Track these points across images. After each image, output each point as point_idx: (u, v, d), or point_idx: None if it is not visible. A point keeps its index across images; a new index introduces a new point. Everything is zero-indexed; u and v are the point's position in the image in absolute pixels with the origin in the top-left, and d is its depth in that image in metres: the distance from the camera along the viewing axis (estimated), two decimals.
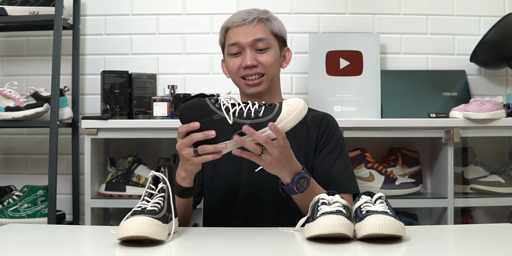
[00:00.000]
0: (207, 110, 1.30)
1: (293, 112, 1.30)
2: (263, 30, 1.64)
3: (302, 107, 1.31)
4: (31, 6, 2.26)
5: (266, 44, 1.63)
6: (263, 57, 1.63)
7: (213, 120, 1.29)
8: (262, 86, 1.64)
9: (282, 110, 1.30)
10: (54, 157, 2.19)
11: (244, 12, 1.67)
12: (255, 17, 1.64)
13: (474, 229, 1.48)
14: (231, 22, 1.66)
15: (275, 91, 1.71)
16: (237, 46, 1.63)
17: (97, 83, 2.43)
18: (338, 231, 1.16)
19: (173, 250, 1.18)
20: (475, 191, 2.30)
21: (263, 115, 1.29)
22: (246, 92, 1.66)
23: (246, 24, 1.63)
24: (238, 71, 1.64)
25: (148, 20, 2.52)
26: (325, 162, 1.62)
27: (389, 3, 2.52)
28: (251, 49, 1.62)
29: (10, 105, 2.22)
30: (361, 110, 2.34)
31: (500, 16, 2.35)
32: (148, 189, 1.28)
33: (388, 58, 2.51)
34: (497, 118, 2.18)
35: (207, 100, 1.31)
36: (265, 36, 1.63)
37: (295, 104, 1.31)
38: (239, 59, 1.63)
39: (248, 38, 1.62)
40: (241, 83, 1.65)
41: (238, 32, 1.64)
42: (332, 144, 1.64)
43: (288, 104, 1.31)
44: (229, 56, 1.66)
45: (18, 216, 2.23)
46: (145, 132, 2.21)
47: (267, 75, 1.64)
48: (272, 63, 1.64)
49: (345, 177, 1.61)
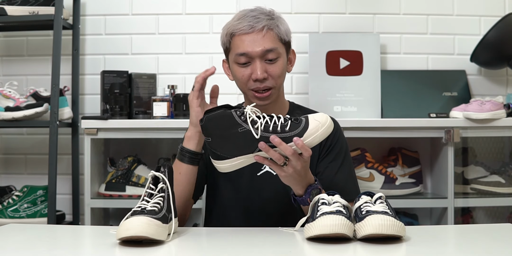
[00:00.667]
0: (233, 122, 1.29)
1: (321, 129, 1.28)
2: (272, 39, 1.58)
3: (329, 124, 1.30)
4: (31, 6, 2.26)
5: (276, 54, 1.58)
6: (272, 68, 1.59)
7: (238, 133, 1.28)
8: (270, 99, 1.62)
9: (310, 126, 1.28)
10: (54, 157, 2.19)
11: (251, 17, 1.59)
12: (264, 25, 1.57)
13: (474, 229, 1.48)
14: (238, 28, 1.58)
15: (280, 96, 1.69)
16: (246, 57, 1.57)
17: (97, 83, 2.43)
18: (338, 231, 1.16)
19: (173, 250, 1.18)
20: (475, 191, 2.30)
21: (289, 129, 1.28)
22: (253, 101, 1.62)
23: (255, 32, 1.56)
24: (248, 83, 1.60)
25: (148, 20, 2.52)
26: (329, 169, 1.61)
27: (389, 3, 2.52)
28: (260, 60, 1.57)
29: (10, 105, 2.22)
30: (361, 110, 2.34)
31: (500, 16, 2.35)
32: (148, 189, 1.28)
33: (388, 58, 2.51)
34: (497, 118, 2.18)
35: (233, 112, 1.29)
36: (274, 45, 1.58)
37: (323, 120, 1.29)
38: (248, 70, 1.58)
39: (257, 48, 1.56)
40: (250, 94, 1.62)
41: (246, 40, 1.57)
42: (336, 150, 1.63)
43: (316, 119, 1.29)
44: (237, 65, 1.60)
45: (18, 216, 2.23)
46: (145, 132, 2.20)
47: (275, 88, 1.61)
48: (281, 73, 1.61)
49: (349, 185, 1.61)
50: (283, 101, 1.72)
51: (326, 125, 1.29)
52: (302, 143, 1.27)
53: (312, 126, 1.28)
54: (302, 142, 1.27)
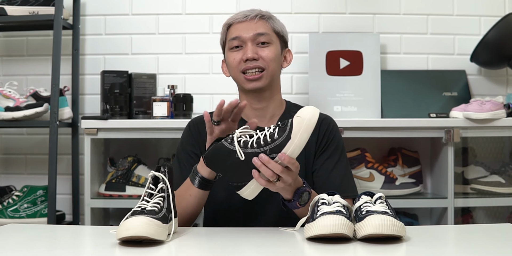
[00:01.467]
0: (227, 151, 1.29)
1: (303, 123, 1.26)
2: (265, 26, 1.65)
3: (310, 114, 1.27)
4: (30, 6, 2.26)
5: (267, 38, 1.64)
6: (264, 51, 1.63)
7: (237, 159, 1.28)
8: (262, 81, 1.62)
9: (294, 125, 1.27)
10: (54, 157, 2.19)
11: (247, 10, 1.69)
12: (257, 13, 1.66)
13: (474, 229, 1.48)
14: (233, 19, 1.67)
15: (275, 89, 1.69)
16: (238, 40, 1.63)
17: (97, 83, 2.43)
18: (338, 231, 1.16)
19: (173, 250, 1.18)
20: (475, 191, 2.30)
21: (278, 135, 1.27)
22: (245, 87, 1.64)
23: (248, 20, 1.65)
24: (239, 65, 1.63)
25: (148, 20, 2.52)
26: (325, 166, 1.62)
27: (389, 3, 2.52)
28: (252, 43, 1.62)
29: (10, 105, 2.22)
30: (361, 110, 2.34)
31: (500, 16, 2.35)
32: (148, 189, 1.28)
33: (388, 58, 2.51)
34: (497, 118, 2.18)
35: (224, 142, 1.30)
36: (266, 31, 1.64)
37: (303, 114, 1.27)
38: (240, 53, 1.63)
39: (249, 33, 1.63)
40: (241, 78, 1.64)
41: (240, 27, 1.65)
42: (332, 147, 1.64)
43: (297, 116, 1.28)
44: (230, 50, 1.66)
45: (17, 216, 2.23)
46: (145, 132, 2.20)
47: (268, 70, 1.62)
48: (273, 58, 1.63)
49: (345, 181, 1.62)
50: (280, 99, 1.72)
51: (307, 117, 1.26)
52: (288, 158, 1.26)
53: (295, 124, 1.27)
54: (288, 157, 1.26)
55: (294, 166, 1.28)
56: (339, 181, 1.60)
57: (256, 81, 1.62)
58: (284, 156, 1.26)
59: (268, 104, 1.67)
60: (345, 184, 1.61)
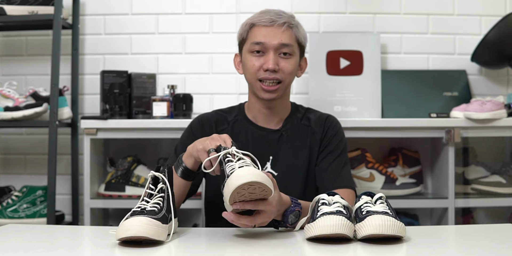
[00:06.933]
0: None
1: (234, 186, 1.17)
2: (290, 36, 1.62)
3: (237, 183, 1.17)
4: (30, 6, 2.25)
5: (290, 50, 1.62)
6: (285, 63, 1.61)
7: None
8: (277, 93, 1.63)
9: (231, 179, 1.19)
10: (53, 157, 2.19)
11: (274, 13, 1.63)
12: (285, 21, 1.61)
13: (475, 230, 1.48)
14: (259, 20, 1.62)
15: (285, 96, 1.71)
16: (261, 46, 1.60)
17: (96, 83, 2.42)
18: (338, 231, 1.15)
19: (173, 250, 1.18)
20: (476, 191, 2.30)
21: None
22: (260, 96, 1.64)
23: (275, 26, 1.60)
24: (257, 72, 1.62)
25: (147, 19, 2.52)
26: (326, 159, 1.66)
27: (390, 3, 2.51)
28: (275, 53, 1.60)
29: (9, 105, 2.22)
30: (361, 110, 2.33)
31: (501, 16, 2.34)
32: (147, 189, 1.28)
33: (388, 58, 2.50)
34: (498, 118, 2.17)
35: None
36: (291, 42, 1.62)
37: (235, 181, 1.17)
38: (261, 60, 1.61)
39: (275, 41, 1.60)
40: (257, 86, 1.63)
41: (265, 32, 1.61)
42: (334, 143, 1.69)
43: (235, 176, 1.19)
44: (250, 53, 1.63)
45: (17, 216, 2.22)
46: (145, 132, 2.20)
47: (284, 83, 1.63)
48: (291, 71, 1.63)
49: (343, 172, 1.65)
50: (287, 102, 1.75)
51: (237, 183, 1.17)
52: (235, 218, 1.25)
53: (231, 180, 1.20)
54: (234, 218, 1.25)
55: (260, 207, 1.25)
56: (338, 171, 1.64)
57: (272, 92, 1.62)
58: (231, 216, 1.24)
59: (277, 109, 1.70)
60: (344, 174, 1.65)
